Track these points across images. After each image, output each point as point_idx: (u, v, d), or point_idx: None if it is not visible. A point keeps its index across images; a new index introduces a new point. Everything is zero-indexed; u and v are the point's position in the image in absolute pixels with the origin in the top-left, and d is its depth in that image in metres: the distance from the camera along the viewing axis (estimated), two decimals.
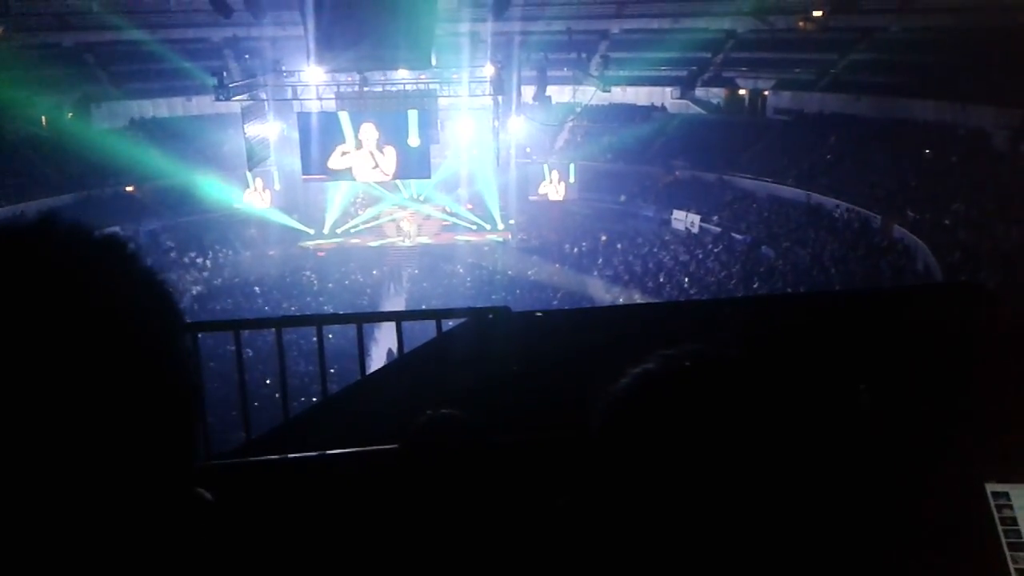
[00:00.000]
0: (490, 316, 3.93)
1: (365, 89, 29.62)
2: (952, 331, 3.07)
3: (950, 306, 3.83)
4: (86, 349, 0.61)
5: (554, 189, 31.98)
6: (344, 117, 28.49)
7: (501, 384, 3.45)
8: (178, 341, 0.70)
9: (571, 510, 1.06)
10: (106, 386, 0.61)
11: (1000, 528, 1.13)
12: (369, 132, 28.44)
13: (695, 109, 36.69)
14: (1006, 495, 1.17)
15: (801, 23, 35.64)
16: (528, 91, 32.86)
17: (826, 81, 34.21)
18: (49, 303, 0.61)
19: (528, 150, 34.15)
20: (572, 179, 31.98)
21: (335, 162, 28.60)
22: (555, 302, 25.38)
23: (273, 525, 2.35)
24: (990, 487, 1.12)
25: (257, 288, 26.78)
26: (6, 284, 0.60)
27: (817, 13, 35.16)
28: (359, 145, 28.37)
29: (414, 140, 28.37)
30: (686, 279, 26.23)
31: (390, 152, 28.52)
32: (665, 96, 37.12)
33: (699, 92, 37.05)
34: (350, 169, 28.82)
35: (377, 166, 28.87)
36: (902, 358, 2.69)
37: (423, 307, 23.14)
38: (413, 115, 28.40)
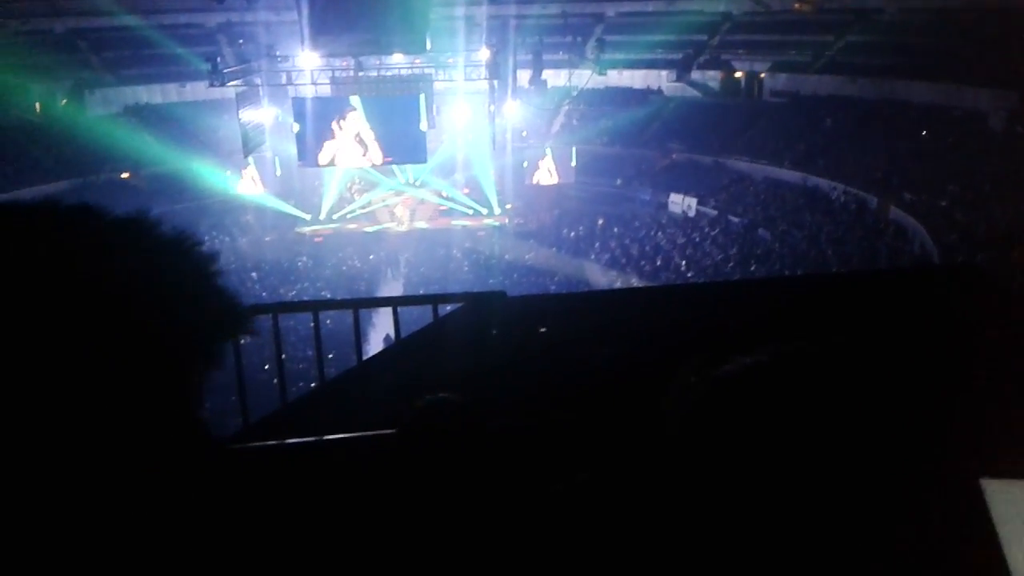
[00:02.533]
0: (486, 301, 3.93)
1: (360, 74, 29.48)
2: (950, 315, 3.08)
3: (948, 289, 3.83)
4: (90, 321, 0.61)
5: (547, 173, 31.92)
6: (338, 103, 28.45)
7: (498, 369, 3.45)
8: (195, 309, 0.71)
9: (578, 492, 1.07)
10: (106, 354, 0.62)
11: (998, 527, 1.12)
12: (356, 118, 28.38)
13: (691, 92, 36.59)
14: (1005, 491, 1.16)
15: (797, 5, 35.48)
16: (524, 75, 32.71)
17: (822, 63, 34.12)
18: (51, 278, 0.61)
19: (524, 134, 34.06)
20: (573, 162, 31.94)
21: (324, 152, 28.62)
22: (552, 286, 25.38)
23: (270, 511, 2.35)
24: (987, 483, 1.11)
25: (254, 274, 26.76)
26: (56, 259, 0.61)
27: None
28: (345, 130, 28.37)
29: (416, 124, 28.35)
30: (683, 262, 26.23)
31: (377, 137, 28.51)
32: (661, 79, 37.03)
33: (695, 75, 36.95)
34: (335, 156, 28.83)
35: (366, 152, 28.83)
36: (902, 342, 2.70)
37: (420, 292, 23.15)
38: (422, 99, 28.42)
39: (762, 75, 35.35)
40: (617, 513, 1.00)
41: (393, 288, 26.76)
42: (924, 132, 27.68)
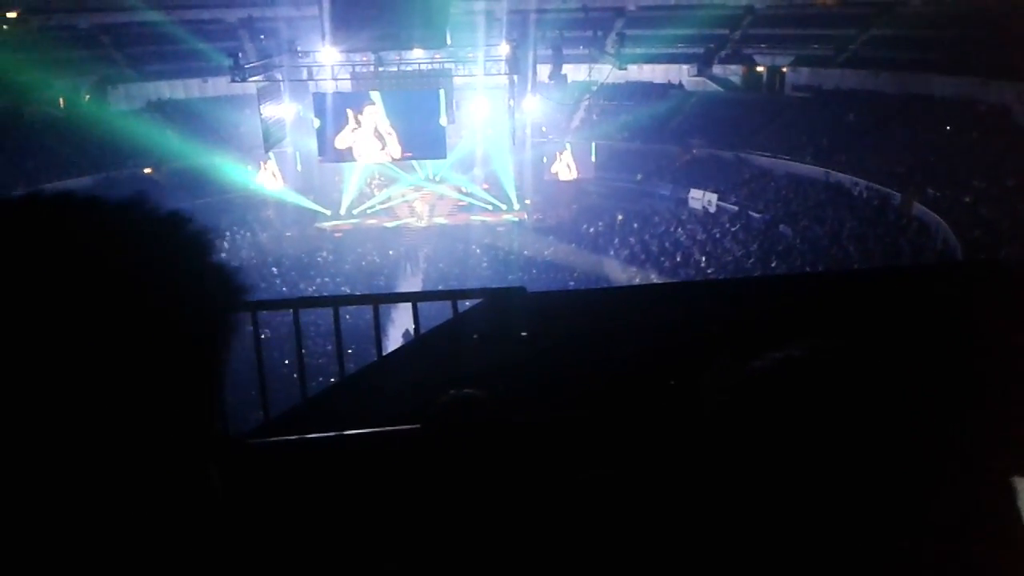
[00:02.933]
0: (506, 297, 3.93)
1: (380, 69, 29.55)
2: (975, 311, 3.04)
3: (972, 285, 3.79)
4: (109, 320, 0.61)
5: (567, 169, 31.85)
6: (357, 98, 28.52)
7: (517, 364, 3.45)
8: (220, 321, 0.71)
9: (603, 484, 1.07)
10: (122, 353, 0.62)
11: None
12: (376, 112, 28.43)
13: (712, 87, 36.40)
14: None
15: None
16: (544, 70, 32.66)
17: (845, 57, 33.84)
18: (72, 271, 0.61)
19: (544, 129, 34.01)
20: (593, 158, 31.85)
21: (341, 142, 28.65)
22: (571, 282, 25.34)
23: (292, 505, 2.36)
24: (1019, 482, 1.10)
25: (275, 269, 26.89)
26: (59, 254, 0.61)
27: None
28: (364, 125, 28.43)
29: (435, 120, 28.36)
30: (703, 258, 26.11)
31: (397, 133, 28.56)
32: (682, 73, 36.84)
33: (716, 69, 36.74)
34: (355, 151, 28.89)
35: (385, 147, 28.87)
36: (926, 339, 2.67)
37: (439, 287, 23.18)
38: (441, 95, 28.43)
39: (784, 69, 35.11)
40: (641, 506, 1.00)
41: (412, 283, 26.82)
42: (948, 127, 27.40)
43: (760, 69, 35.88)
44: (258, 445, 3.11)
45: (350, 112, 28.39)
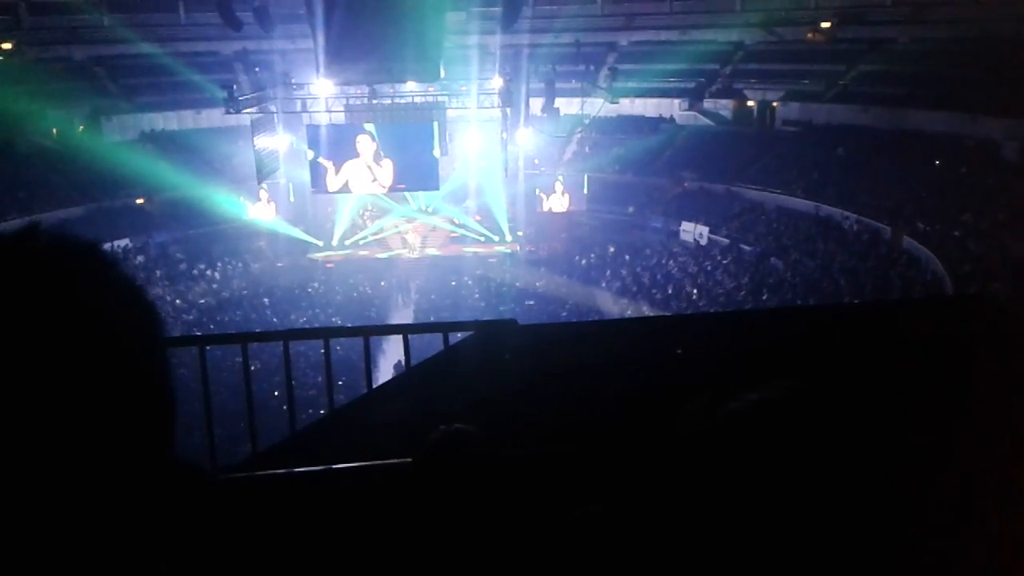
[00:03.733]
0: (497, 329, 3.92)
1: (374, 101, 29.72)
2: (964, 346, 3.05)
3: (962, 319, 3.80)
4: (64, 353, 0.61)
5: (559, 201, 31.98)
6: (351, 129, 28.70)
7: (509, 397, 3.43)
8: (155, 344, 0.71)
9: (594, 520, 1.07)
10: (82, 389, 0.62)
11: None
12: (369, 144, 28.55)
13: (703, 120, 36.72)
14: None
15: (809, 34, 35.68)
16: (536, 103, 32.91)
17: (834, 92, 34.21)
18: (29, 308, 0.61)
19: (536, 162, 34.19)
20: (585, 190, 31.99)
21: (338, 178, 28.76)
22: (563, 314, 25.34)
23: (280, 541, 2.33)
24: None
25: (266, 300, 26.85)
26: None
27: (825, 24, 35.20)
28: (358, 157, 28.55)
29: (429, 152, 28.48)
30: (695, 291, 26.17)
31: (387, 164, 28.64)
32: (673, 108, 37.18)
33: (707, 104, 37.09)
34: (348, 182, 28.97)
35: (378, 179, 28.96)
36: (913, 373, 2.67)
37: (431, 319, 23.15)
38: (435, 127, 28.59)
39: (774, 104, 35.46)
40: (629, 543, 1.00)
41: (404, 315, 26.78)
42: (937, 162, 27.64)
43: (751, 103, 36.22)
44: (245, 479, 3.08)
45: (347, 145, 28.58)
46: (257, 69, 36.01)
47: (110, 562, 0.63)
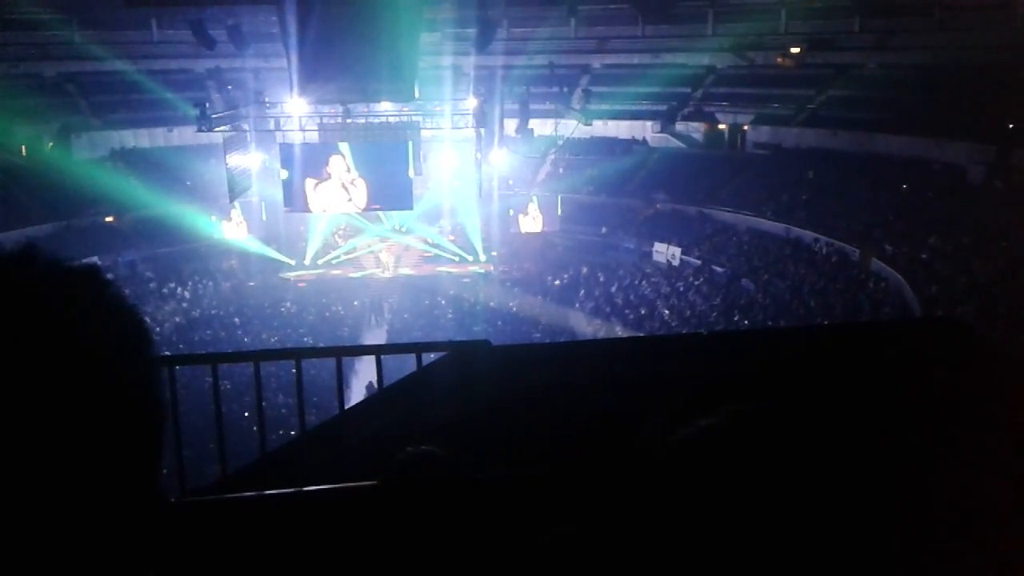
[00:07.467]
0: (470, 350, 3.92)
1: (348, 121, 29.71)
2: (931, 367, 3.09)
3: (928, 342, 3.85)
4: (59, 375, 0.61)
5: (533, 221, 32.08)
6: (326, 149, 28.64)
7: (482, 418, 3.43)
8: (150, 368, 0.72)
9: (566, 543, 1.07)
10: (76, 411, 0.62)
11: None
12: (342, 164, 28.51)
13: (675, 143, 37.07)
14: None
15: (779, 59, 36.21)
16: (511, 124, 33.08)
17: (804, 116, 34.68)
18: (24, 330, 0.61)
19: (511, 182, 34.31)
20: (559, 211, 32.11)
21: (311, 197, 28.68)
22: (536, 334, 25.36)
23: (249, 565, 2.31)
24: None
25: (237, 319, 26.60)
26: None
27: (795, 50, 35.75)
28: (330, 176, 28.49)
29: (403, 171, 28.45)
30: (667, 312, 26.30)
31: (361, 184, 28.60)
32: (646, 130, 37.53)
33: (679, 126, 37.47)
34: (321, 202, 28.89)
35: (352, 198, 28.90)
36: (881, 395, 2.70)
37: (404, 339, 23.06)
38: (409, 147, 28.55)
39: (745, 127, 35.89)
40: (602, 565, 1.00)
41: (377, 335, 26.65)
42: (904, 185, 28.07)
43: (722, 126, 36.64)
44: (215, 502, 3.04)
45: (320, 165, 28.50)
46: (230, 87, 35.92)
47: None
